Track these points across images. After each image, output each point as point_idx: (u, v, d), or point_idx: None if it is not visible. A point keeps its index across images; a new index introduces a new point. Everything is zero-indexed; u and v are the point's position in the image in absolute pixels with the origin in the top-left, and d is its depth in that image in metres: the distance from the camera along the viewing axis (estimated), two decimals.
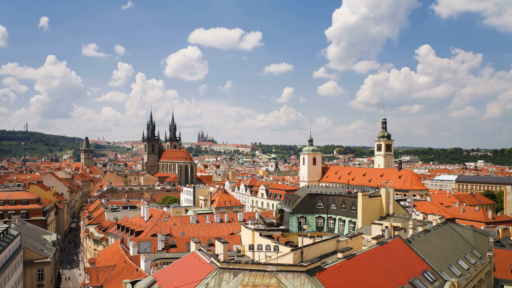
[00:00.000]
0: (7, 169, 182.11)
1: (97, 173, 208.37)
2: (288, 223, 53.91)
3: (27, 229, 62.70)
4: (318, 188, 60.03)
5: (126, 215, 75.29)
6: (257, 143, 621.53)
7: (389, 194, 49.60)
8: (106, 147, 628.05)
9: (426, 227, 37.76)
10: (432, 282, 28.47)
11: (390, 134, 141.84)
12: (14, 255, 47.02)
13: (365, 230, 41.19)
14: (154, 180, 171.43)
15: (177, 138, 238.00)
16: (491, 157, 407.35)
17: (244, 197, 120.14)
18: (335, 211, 52.64)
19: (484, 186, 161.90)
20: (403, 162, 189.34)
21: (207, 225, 62.20)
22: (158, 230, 57.21)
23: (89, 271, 41.10)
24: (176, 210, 76.25)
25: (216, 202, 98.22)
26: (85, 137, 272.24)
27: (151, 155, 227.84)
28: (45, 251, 55.67)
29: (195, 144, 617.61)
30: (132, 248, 44.29)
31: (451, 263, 33.18)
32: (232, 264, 22.99)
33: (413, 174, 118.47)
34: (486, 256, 38.49)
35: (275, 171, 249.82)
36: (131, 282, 27.64)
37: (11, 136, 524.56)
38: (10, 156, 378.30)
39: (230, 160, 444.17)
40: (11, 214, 75.02)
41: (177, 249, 50.40)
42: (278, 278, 21.94)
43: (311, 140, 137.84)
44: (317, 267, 23.31)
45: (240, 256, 30.26)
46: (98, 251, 65.28)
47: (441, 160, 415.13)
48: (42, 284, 51.51)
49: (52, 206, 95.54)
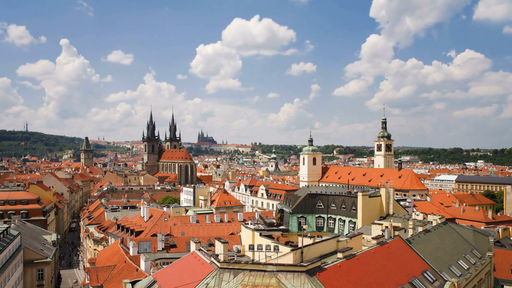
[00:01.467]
0: (7, 169, 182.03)
1: (97, 173, 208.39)
2: (288, 223, 53.92)
3: (27, 229, 62.70)
4: (318, 188, 60.04)
5: (126, 215, 75.29)
6: (257, 143, 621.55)
7: (389, 194, 49.62)
8: (106, 147, 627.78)
9: (426, 227, 37.77)
10: (432, 282, 28.47)
11: (390, 134, 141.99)
12: (14, 255, 47.02)
13: (365, 230, 41.20)
14: (154, 180, 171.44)
15: (177, 138, 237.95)
16: (491, 157, 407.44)
17: (244, 197, 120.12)
18: (335, 211, 52.63)
19: (484, 186, 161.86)
20: (403, 162, 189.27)
21: (207, 225, 62.20)
22: (158, 230, 57.20)
23: (89, 271, 41.11)
24: (176, 210, 76.26)
25: (216, 202, 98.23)
26: (85, 137, 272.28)
27: (151, 155, 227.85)
28: (45, 251, 55.67)
29: (195, 144, 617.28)
30: (132, 248, 44.29)
31: (451, 263, 33.18)
32: (232, 264, 22.98)
33: (413, 174, 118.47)
34: (486, 256, 38.48)
35: (275, 171, 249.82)
36: (131, 282, 27.63)
37: (11, 136, 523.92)
38: (10, 156, 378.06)
39: (230, 160, 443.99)
40: (11, 214, 75.03)
41: (177, 249, 50.38)
42: (278, 278, 21.94)
43: (311, 140, 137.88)
44: (317, 267, 23.29)
45: (240, 256, 30.23)
46: (98, 251, 65.27)
47: (441, 160, 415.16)
48: (42, 284, 51.51)
49: (52, 206, 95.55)
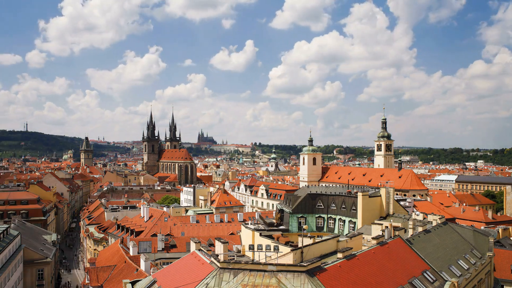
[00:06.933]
0: (7, 169, 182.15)
1: (97, 173, 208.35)
2: (288, 223, 53.86)
3: (27, 229, 62.71)
4: (318, 188, 59.97)
5: (126, 215, 75.26)
6: (257, 143, 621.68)
7: (389, 194, 49.57)
8: (106, 147, 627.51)
9: (426, 227, 37.76)
10: (432, 282, 28.46)
11: (390, 134, 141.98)
12: (14, 255, 47.02)
13: (365, 230, 41.16)
14: (154, 180, 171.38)
15: (177, 138, 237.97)
16: (491, 157, 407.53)
17: (244, 197, 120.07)
18: (335, 211, 52.59)
19: (484, 186, 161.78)
20: (403, 162, 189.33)
21: (207, 225, 62.17)
22: (158, 230, 57.18)
23: (89, 271, 41.11)
24: (176, 210, 76.22)
25: (216, 202, 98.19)
26: (85, 137, 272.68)
27: (151, 155, 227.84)
28: (45, 251, 55.67)
29: (195, 144, 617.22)
30: (132, 248, 44.28)
31: (451, 263, 33.18)
32: (232, 264, 22.97)
33: (413, 174, 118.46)
34: (486, 256, 38.48)
35: (275, 171, 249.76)
36: (131, 282, 27.63)
37: (11, 136, 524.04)
38: (10, 156, 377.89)
39: (230, 160, 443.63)
40: (11, 214, 75.10)
41: (177, 249, 50.39)
42: (278, 278, 21.93)
43: (311, 140, 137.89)
44: (317, 267, 23.29)
45: (240, 256, 30.21)
46: (98, 251, 65.25)
47: (441, 160, 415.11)
48: (42, 284, 51.51)
49: (52, 206, 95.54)
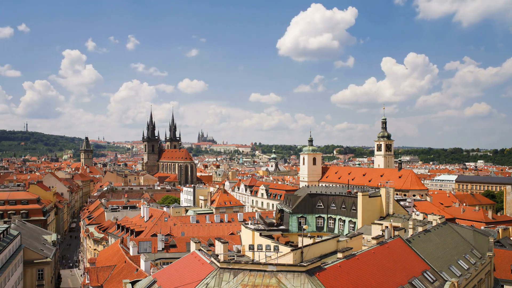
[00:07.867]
0: (7, 169, 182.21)
1: (97, 173, 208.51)
2: (288, 223, 53.86)
3: (27, 229, 62.67)
4: (318, 188, 59.96)
5: (126, 215, 75.29)
6: (257, 143, 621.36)
7: (389, 194, 49.57)
8: (106, 147, 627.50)
9: (426, 227, 37.76)
10: (432, 282, 28.46)
11: (390, 134, 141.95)
12: (14, 255, 47.00)
13: (365, 230, 41.18)
14: (154, 180, 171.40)
15: (177, 138, 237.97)
16: (491, 157, 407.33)
17: (244, 197, 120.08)
18: (335, 211, 52.59)
19: (484, 186, 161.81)
20: (403, 162, 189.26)
21: (207, 225, 62.18)
22: (158, 230, 57.18)
23: (89, 271, 41.11)
24: (176, 210, 76.28)
25: (216, 202, 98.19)
26: (85, 137, 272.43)
27: (151, 155, 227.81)
28: (45, 251, 55.64)
29: (195, 144, 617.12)
30: (132, 248, 44.28)
31: (451, 263, 33.18)
32: (232, 264, 22.97)
33: (413, 174, 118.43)
34: (486, 256, 38.49)
35: (275, 171, 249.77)
36: (131, 282, 27.63)
37: (11, 136, 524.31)
38: (10, 156, 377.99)
39: (230, 160, 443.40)
40: (11, 214, 75.05)
41: (177, 249, 50.39)
42: (278, 278, 21.93)
43: (311, 140, 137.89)
44: (317, 267, 23.29)
45: (240, 256, 30.21)
46: (98, 251, 65.26)
47: (441, 160, 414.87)
48: (42, 284, 51.49)
49: (52, 206, 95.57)
